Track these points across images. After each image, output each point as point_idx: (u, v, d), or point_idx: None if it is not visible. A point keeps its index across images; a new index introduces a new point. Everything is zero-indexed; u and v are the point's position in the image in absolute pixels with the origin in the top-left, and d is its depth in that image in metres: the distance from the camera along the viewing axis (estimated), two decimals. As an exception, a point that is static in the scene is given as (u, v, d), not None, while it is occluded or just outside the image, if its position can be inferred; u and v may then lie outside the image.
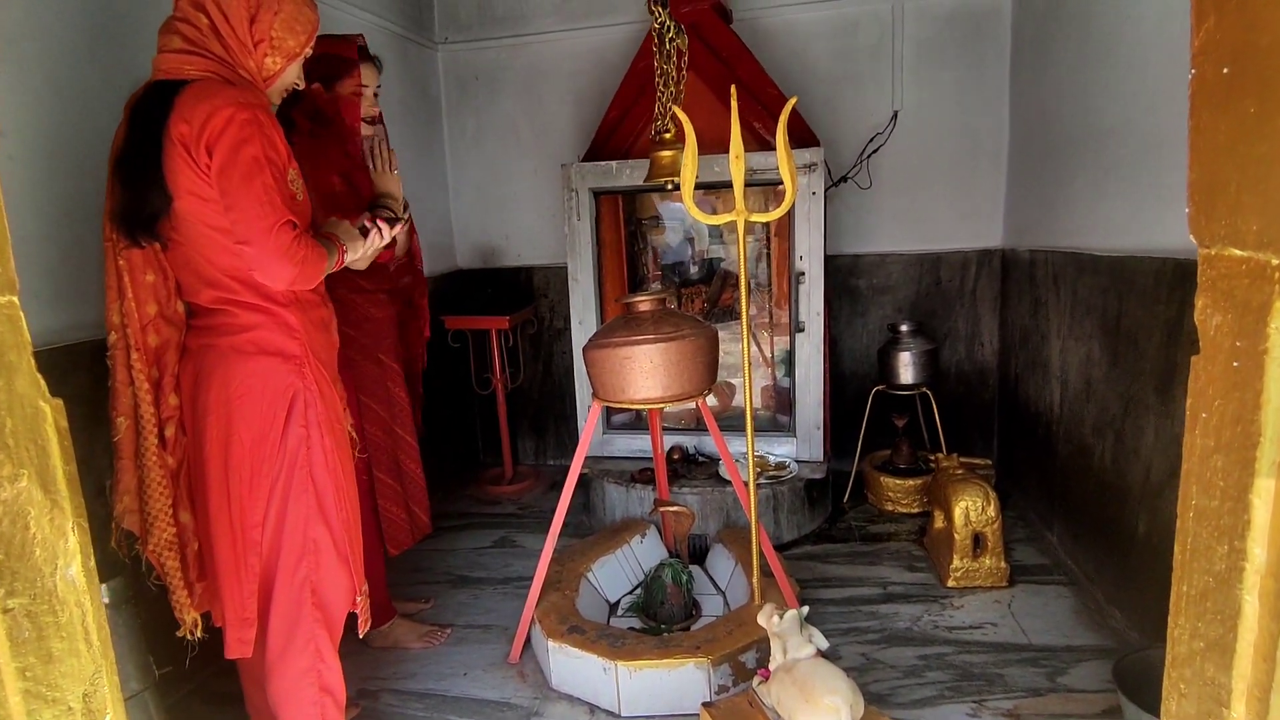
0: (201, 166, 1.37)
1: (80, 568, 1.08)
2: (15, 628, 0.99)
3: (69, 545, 1.06)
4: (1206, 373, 0.65)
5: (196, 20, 1.40)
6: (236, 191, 1.36)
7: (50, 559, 1.03)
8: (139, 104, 1.43)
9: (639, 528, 2.64)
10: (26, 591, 1.00)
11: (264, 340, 1.48)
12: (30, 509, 1.01)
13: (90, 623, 1.11)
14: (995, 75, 3.17)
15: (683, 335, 2.00)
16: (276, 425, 1.47)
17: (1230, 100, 0.60)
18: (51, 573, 1.04)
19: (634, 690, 1.88)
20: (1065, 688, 1.88)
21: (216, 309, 1.50)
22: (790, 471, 2.89)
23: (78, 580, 1.08)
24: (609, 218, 3.21)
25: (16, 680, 0.99)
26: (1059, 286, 2.58)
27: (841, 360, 3.50)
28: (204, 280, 1.48)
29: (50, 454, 1.05)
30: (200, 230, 1.43)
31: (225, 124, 1.34)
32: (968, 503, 2.37)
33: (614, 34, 3.44)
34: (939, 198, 3.31)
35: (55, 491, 1.04)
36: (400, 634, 2.25)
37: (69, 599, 1.07)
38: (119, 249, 1.48)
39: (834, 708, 1.34)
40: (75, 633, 1.10)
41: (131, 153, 1.41)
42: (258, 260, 1.39)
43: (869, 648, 2.11)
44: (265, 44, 1.46)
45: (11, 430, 0.99)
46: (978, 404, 3.42)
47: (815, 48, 3.30)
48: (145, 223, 1.43)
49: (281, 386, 1.48)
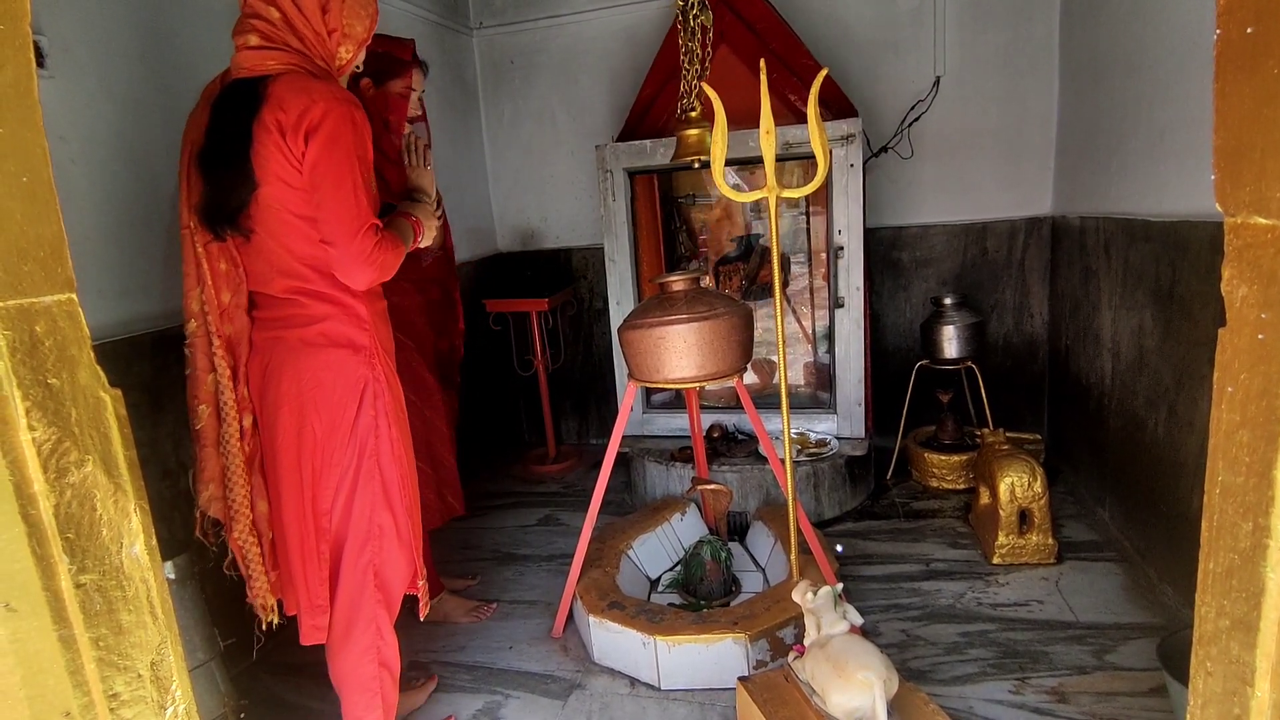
0: (295, 154, 1.38)
1: (144, 546, 1.16)
2: (88, 601, 1.07)
3: (132, 525, 1.14)
4: (1232, 346, 0.63)
5: (269, 14, 1.41)
6: (327, 189, 1.39)
7: (116, 538, 1.11)
8: (222, 100, 1.45)
9: (679, 506, 2.66)
10: (96, 568, 1.08)
11: (334, 332, 1.50)
12: (96, 492, 1.08)
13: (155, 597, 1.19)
14: (1044, 35, 3.04)
15: (716, 314, 2.00)
16: (348, 416, 1.49)
17: (1255, 61, 0.58)
18: (118, 551, 1.11)
19: (673, 664, 1.91)
20: (1113, 666, 1.84)
21: (287, 299, 1.51)
22: (831, 448, 2.87)
23: (142, 558, 1.16)
24: (644, 197, 3.21)
25: (91, 649, 1.08)
26: (1110, 255, 2.48)
27: (884, 335, 3.45)
28: (279, 270, 1.48)
29: (112, 440, 1.12)
30: (283, 218, 1.44)
31: (323, 116, 1.37)
32: (1013, 478, 2.32)
33: (646, 11, 3.41)
34: (984, 165, 3.20)
35: (118, 475, 1.11)
36: (449, 608, 2.33)
37: (134, 575, 1.15)
38: (197, 237, 1.50)
39: (867, 683, 1.35)
40: (141, 606, 1.18)
41: (217, 146, 1.43)
42: (340, 262, 1.42)
43: (910, 624, 2.10)
44: (338, 33, 1.47)
45: (76, 420, 1.06)
46: (1027, 378, 3.33)
47: (853, 14, 3.21)
48: (230, 215, 1.44)
49: (353, 378, 1.50)
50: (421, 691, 1.96)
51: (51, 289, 1.03)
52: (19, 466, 0.99)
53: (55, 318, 1.04)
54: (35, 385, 1.00)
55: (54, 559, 1.03)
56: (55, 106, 1.77)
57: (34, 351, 1.00)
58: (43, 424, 1.00)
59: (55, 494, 1.02)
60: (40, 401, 1.00)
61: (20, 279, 0.99)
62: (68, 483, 1.04)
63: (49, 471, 1.01)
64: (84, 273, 1.62)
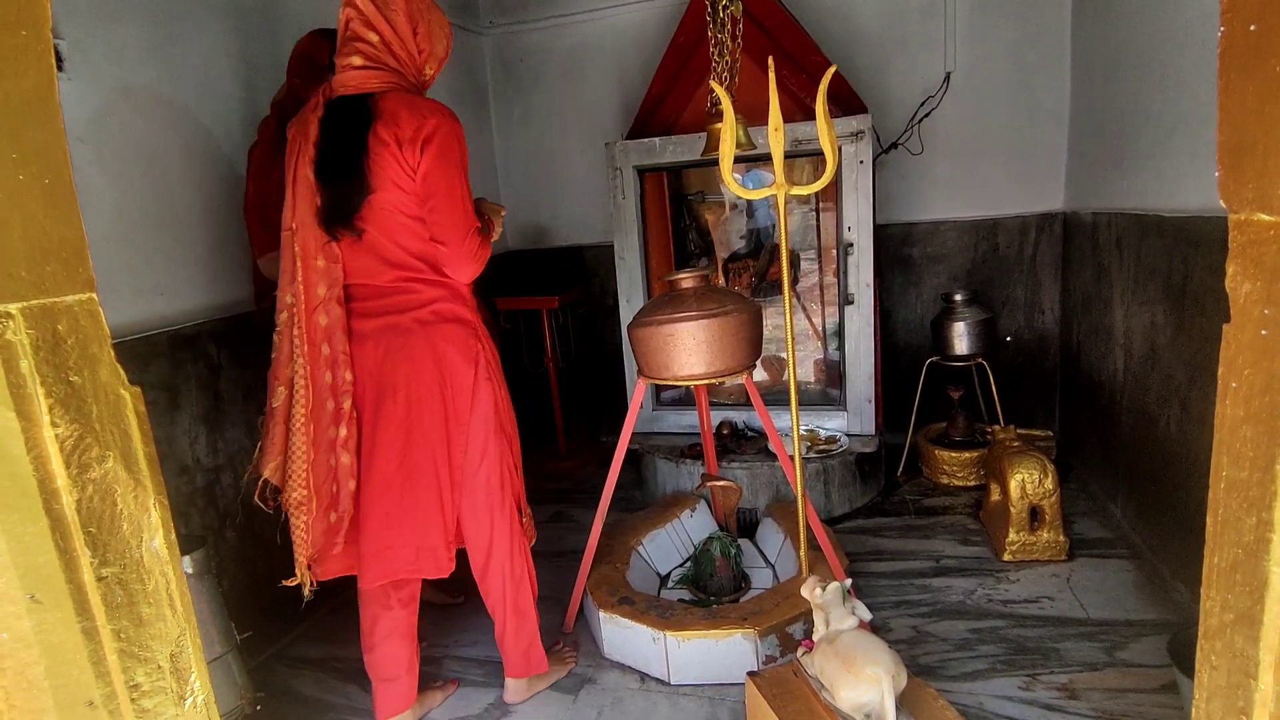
0: (410, 164, 1.55)
1: (163, 540, 1.18)
2: (109, 594, 1.09)
3: (152, 519, 1.16)
4: (1236, 341, 0.64)
5: (370, 38, 1.56)
6: (440, 194, 1.57)
7: (136, 532, 1.13)
8: (333, 115, 1.58)
9: (689, 502, 2.67)
10: (117, 561, 1.10)
11: (445, 310, 1.68)
12: (117, 487, 1.11)
13: (174, 590, 1.21)
14: (1055, 30, 3.02)
15: (726, 311, 2.01)
16: (468, 381, 1.69)
17: (1258, 59, 0.58)
18: (138, 544, 1.14)
19: (683, 659, 1.93)
20: (1124, 663, 1.84)
21: (396, 287, 1.66)
22: (840, 445, 2.87)
23: (161, 552, 1.18)
24: (654, 195, 3.22)
25: (113, 641, 1.10)
26: (1122, 250, 2.47)
27: (894, 332, 3.44)
28: (389, 263, 1.64)
29: (132, 437, 1.14)
30: (397, 218, 1.60)
31: (436, 129, 1.54)
32: (1024, 475, 2.32)
33: (654, 10, 3.42)
34: (995, 161, 3.19)
35: (138, 471, 1.13)
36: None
37: (154, 569, 1.17)
38: (297, 238, 1.61)
39: (875, 678, 1.35)
40: (161, 599, 1.20)
41: (335, 157, 1.57)
42: (451, 259, 1.63)
43: (919, 620, 2.10)
44: (426, 53, 1.64)
45: (97, 416, 1.08)
46: (1038, 374, 3.31)
47: (863, 10, 3.20)
48: (346, 217, 1.59)
49: (468, 349, 1.70)
50: (441, 693, 1.99)
51: (73, 288, 1.06)
52: (42, 462, 1.01)
53: (77, 316, 1.06)
54: (58, 383, 1.02)
55: (76, 552, 1.05)
56: (72, 108, 1.80)
57: (56, 349, 1.02)
58: (65, 420, 1.03)
59: (77, 489, 1.04)
60: (63, 399, 1.02)
61: (43, 279, 1.01)
62: (89, 478, 1.07)
63: (71, 467, 1.03)
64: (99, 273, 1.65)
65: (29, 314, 0.99)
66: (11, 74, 0.95)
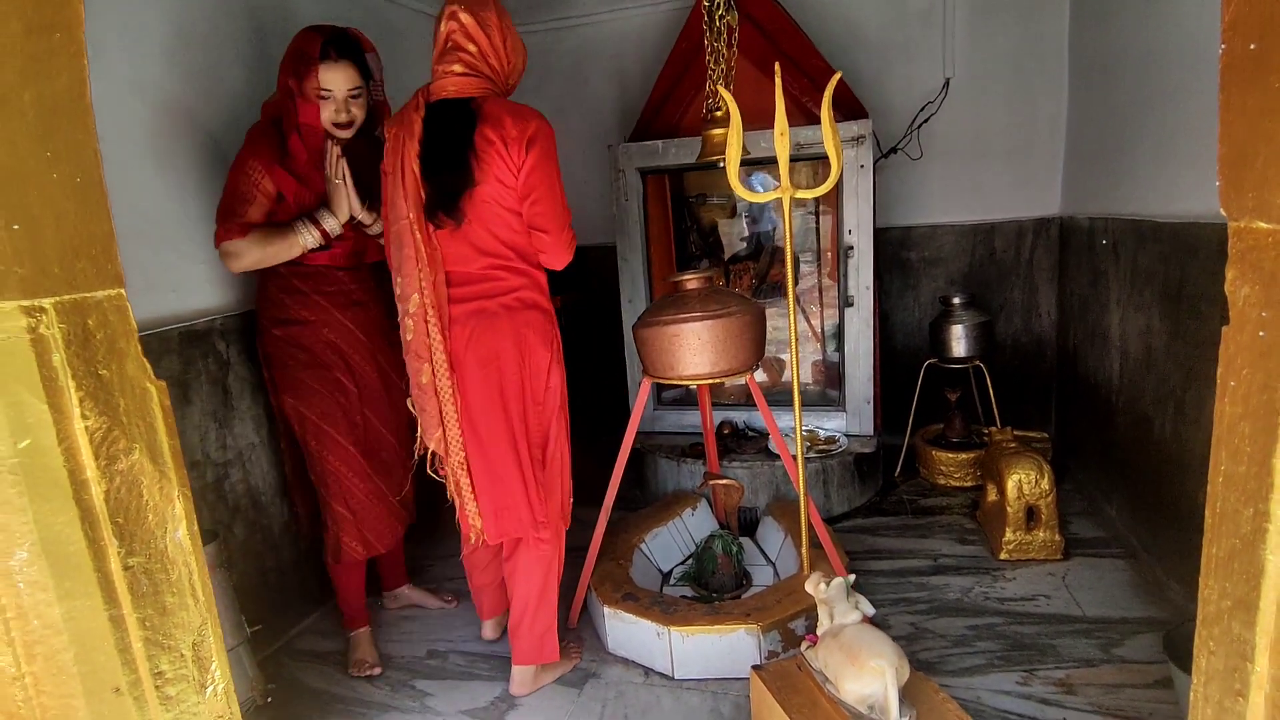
0: (515, 161, 1.71)
1: (186, 531, 1.21)
2: (135, 583, 1.12)
3: (176, 511, 1.19)
4: (1235, 342, 0.67)
5: (469, 48, 1.74)
6: (543, 189, 1.75)
7: (161, 523, 1.16)
8: (437, 116, 1.73)
9: (690, 501, 2.70)
10: (143, 551, 1.13)
11: (528, 297, 1.83)
12: (143, 479, 1.13)
13: (196, 580, 1.24)
14: (1053, 37, 3.07)
15: (730, 312, 2.04)
16: (545, 363, 1.86)
17: (1258, 75, 0.61)
18: (162, 535, 1.17)
19: (686, 654, 1.96)
20: (1119, 659, 1.88)
21: (484, 274, 1.80)
22: (840, 445, 2.91)
23: (184, 542, 1.21)
24: (656, 197, 3.25)
25: (138, 629, 1.13)
26: (1119, 255, 2.51)
27: (893, 334, 3.48)
28: (482, 250, 1.78)
29: (157, 430, 1.17)
30: (496, 210, 1.75)
31: (537, 133, 1.72)
32: (1020, 475, 2.36)
33: (656, 15, 3.45)
34: (993, 166, 3.23)
35: (163, 463, 1.16)
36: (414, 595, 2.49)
37: (178, 559, 1.20)
38: (416, 227, 1.74)
39: (879, 670, 1.38)
40: (184, 589, 1.23)
41: (440, 153, 1.72)
42: (551, 246, 1.81)
43: (918, 617, 2.14)
44: (512, 64, 1.82)
45: (124, 409, 1.11)
46: (1035, 377, 3.36)
47: (864, 16, 3.24)
48: (449, 207, 1.73)
49: (547, 333, 1.87)
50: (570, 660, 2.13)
51: (102, 284, 1.08)
52: (73, 454, 1.04)
53: (105, 312, 1.09)
54: (88, 376, 1.05)
55: (104, 542, 1.08)
56: (89, 107, 1.82)
57: (86, 344, 1.05)
58: (94, 413, 1.05)
59: (106, 480, 1.07)
60: (92, 392, 1.05)
61: (74, 275, 1.04)
62: (117, 469, 1.09)
63: (100, 459, 1.06)
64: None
65: (61, 309, 1.02)
66: (45, 75, 0.98)
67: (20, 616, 1.05)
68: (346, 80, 1.93)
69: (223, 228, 1.88)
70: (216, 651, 1.27)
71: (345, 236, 2.03)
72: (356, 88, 1.96)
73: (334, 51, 1.91)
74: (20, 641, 1.06)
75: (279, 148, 1.93)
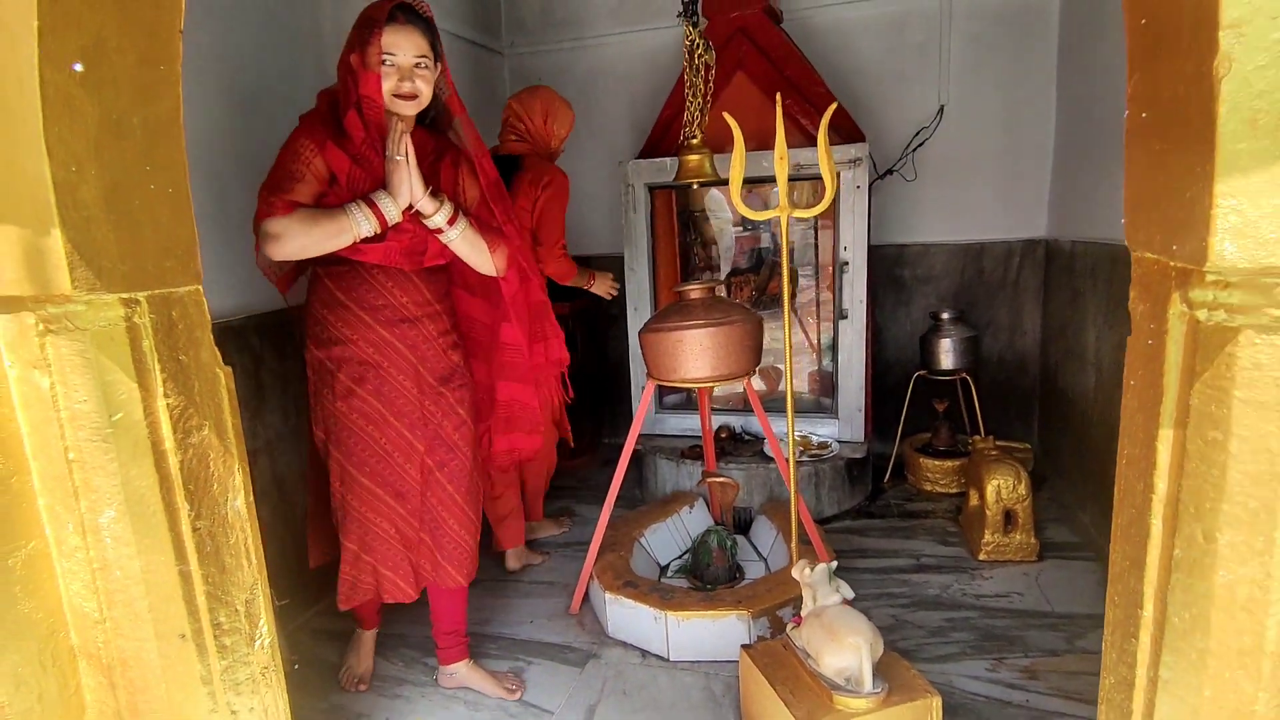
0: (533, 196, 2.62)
1: (243, 501, 1.38)
2: (201, 543, 1.28)
3: (236, 482, 1.35)
4: (1134, 349, 0.83)
5: (519, 127, 2.73)
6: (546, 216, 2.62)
7: (223, 492, 1.32)
8: (498, 164, 2.18)
9: (688, 499, 2.86)
10: (208, 515, 1.29)
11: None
12: (210, 452, 1.30)
13: (250, 545, 1.40)
14: (1042, 70, 3.24)
15: (731, 321, 2.20)
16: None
17: (1147, 139, 0.77)
18: (224, 503, 1.33)
19: (682, 638, 2.10)
20: (1082, 649, 2.03)
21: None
22: (832, 451, 3.06)
23: (242, 511, 1.37)
24: (663, 211, 3.42)
25: (202, 584, 1.29)
26: (1096, 277, 2.68)
27: (885, 347, 3.64)
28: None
29: (224, 410, 1.34)
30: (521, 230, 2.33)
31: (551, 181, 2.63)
32: (999, 481, 2.51)
33: (665, 37, 3.63)
34: (983, 190, 3.40)
35: (227, 439, 1.32)
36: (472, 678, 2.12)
37: (236, 525, 1.36)
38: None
39: (856, 646, 1.53)
40: (240, 551, 1.39)
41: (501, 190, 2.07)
42: (545, 256, 2.66)
43: (899, 610, 2.28)
44: (553, 133, 2.75)
45: (198, 391, 1.28)
46: (1019, 390, 3.51)
47: (864, 45, 3.42)
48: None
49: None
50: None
51: (185, 281, 1.25)
52: (155, 427, 1.20)
53: (186, 305, 1.26)
54: (170, 361, 1.22)
55: (178, 505, 1.24)
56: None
57: (170, 332, 1.22)
58: (175, 393, 1.22)
59: (181, 452, 1.24)
60: (173, 374, 1.22)
61: (164, 272, 1.21)
62: (190, 443, 1.26)
63: (177, 433, 1.23)
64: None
65: (152, 301, 1.19)
66: (151, 101, 1.15)
67: (105, 568, 1.21)
68: (413, 46, 1.72)
69: (265, 204, 1.68)
70: (265, 609, 1.42)
71: (403, 229, 1.77)
72: (423, 57, 1.75)
73: (402, 15, 1.72)
74: (104, 590, 1.22)
75: (334, 127, 1.76)
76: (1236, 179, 0.63)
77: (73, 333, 1.10)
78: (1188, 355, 0.72)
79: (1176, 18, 0.66)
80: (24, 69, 0.98)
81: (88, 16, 1.02)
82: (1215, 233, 0.66)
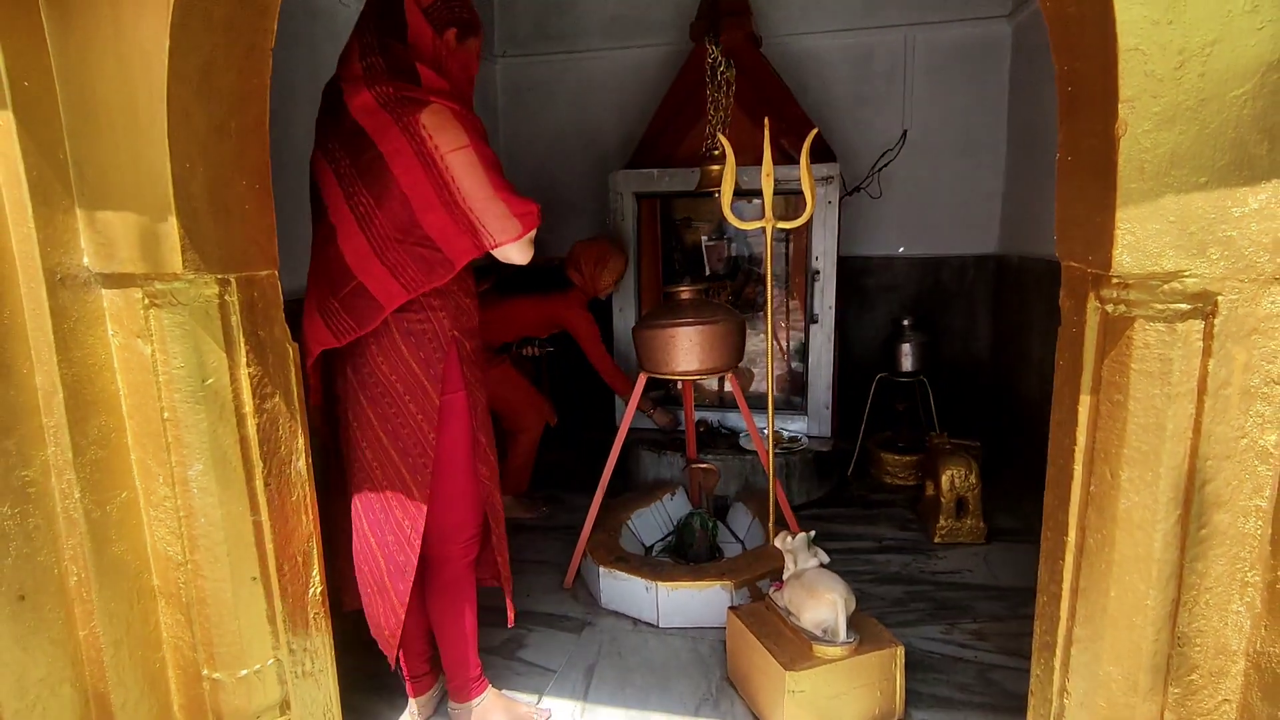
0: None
1: (304, 463, 1.55)
2: (270, 498, 1.46)
3: (299, 445, 1.53)
4: (1063, 335, 1.07)
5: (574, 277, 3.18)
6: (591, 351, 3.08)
7: (289, 453, 1.50)
8: None
9: (670, 487, 3.07)
10: (277, 474, 1.47)
11: None
12: (280, 418, 1.47)
13: (309, 502, 1.57)
14: (996, 100, 3.57)
15: (717, 320, 2.43)
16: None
17: (1071, 176, 1.02)
18: (290, 463, 1.50)
19: (670, 606, 2.31)
20: (1024, 616, 2.29)
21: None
22: (802, 444, 3.31)
23: (302, 470, 1.55)
24: (648, 219, 3.64)
25: (270, 535, 1.46)
26: (1039, 288, 2.98)
27: (851, 351, 3.91)
28: None
29: (291, 380, 1.51)
30: None
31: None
32: (953, 471, 2.78)
33: (654, 53, 3.86)
34: (942, 208, 3.71)
35: (293, 407, 1.50)
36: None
37: (297, 484, 1.54)
38: None
39: (833, 601, 1.76)
40: (300, 508, 1.56)
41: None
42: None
43: (864, 584, 2.53)
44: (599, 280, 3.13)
45: (272, 363, 1.45)
46: (972, 391, 3.82)
47: (834, 72, 3.70)
48: None
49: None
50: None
51: (265, 265, 1.43)
52: (238, 393, 1.38)
53: (265, 287, 1.44)
54: (251, 335, 1.39)
55: (254, 463, 1.42)
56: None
57: (251, 310, 1.40)
58: (254, 363, 1.40)
59: (258, 416, 1.41)
60: (254, 347, 1.40)
61: (249, 256, 1.39)
62: (265, 408, 1.44)
63: (255, 398, 1.41)
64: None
65: (240, 282, 1.37)
66: (243, 108, 1.34)
67: (190, 516, 1.38)
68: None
69: (522, 203, 1.55)
70: (318, 560, 1.59)
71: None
72: None
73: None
74: (188, 535, 1.39)
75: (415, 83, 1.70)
76: (1131, 209, 0.87)
77: (175, 307, 1.27)
78: (1100, 339, 0.96)
79: (1091, 89, 0.90)
80: (155, 84, 1.15)
81: (204, 38, 1.20)
82: (1117, 247, 0.90)
